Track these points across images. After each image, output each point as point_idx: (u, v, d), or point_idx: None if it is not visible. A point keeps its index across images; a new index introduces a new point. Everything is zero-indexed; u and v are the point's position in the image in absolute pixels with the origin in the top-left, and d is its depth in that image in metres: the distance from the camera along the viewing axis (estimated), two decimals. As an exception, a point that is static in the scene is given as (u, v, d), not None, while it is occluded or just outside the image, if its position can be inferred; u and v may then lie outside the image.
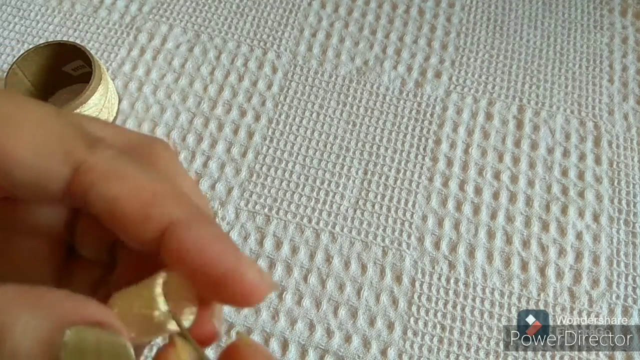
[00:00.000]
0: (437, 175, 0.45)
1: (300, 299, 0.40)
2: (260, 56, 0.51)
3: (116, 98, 0.47)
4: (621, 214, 0.43)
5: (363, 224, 0.43)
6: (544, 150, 0.46)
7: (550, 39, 0.52)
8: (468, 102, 0.48)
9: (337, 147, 0.46)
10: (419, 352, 0.38)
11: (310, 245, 0.42)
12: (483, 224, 0.43)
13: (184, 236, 0.13)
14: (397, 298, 0.40)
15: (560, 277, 0.41)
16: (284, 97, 0.48)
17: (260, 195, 0.44)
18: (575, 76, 0.50)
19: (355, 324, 0.39)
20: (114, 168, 0.13)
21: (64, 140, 0.13)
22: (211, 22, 0.53)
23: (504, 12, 0.54)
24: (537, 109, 0.48)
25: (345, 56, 0.51)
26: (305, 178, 0.45)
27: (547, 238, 0.42)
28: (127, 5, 0.53)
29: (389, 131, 0.47)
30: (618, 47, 0.52)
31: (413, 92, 0.49)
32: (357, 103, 0.48)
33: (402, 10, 0.54)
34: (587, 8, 0.54)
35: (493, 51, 0.51)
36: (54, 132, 0.13)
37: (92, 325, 0.12)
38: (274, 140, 0.46)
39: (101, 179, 0.13)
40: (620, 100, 0.49)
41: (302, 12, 0.54)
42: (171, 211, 0.13)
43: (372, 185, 0.44)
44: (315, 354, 0.38)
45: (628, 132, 0.47)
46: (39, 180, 0.13)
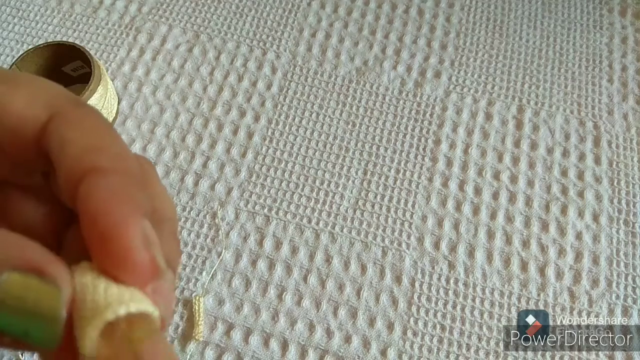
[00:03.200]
0: (436, 176, 0.45)
1: (300, 300, 0.40)
2: (259, 56, 0.51)
3: (115, 98, 0.47)
4: (621, 214, 0.43)
5: (363, 224, 0.43)
6: (543, 150, 0.46)
7: (550, 39, 0.52)
8: (467, 102, 0.48)
9: (337, 147, 0.46)
10: (419, 352, 0.38)
11: (310, 246, 0.42)
12: (483, 224, 0.43)
13: (90, 183, 0.12)
14: (397, 298, 0.40)
15: (560, 277, 0.41)
16: (283, 97, 0.48)
17: (259, 196, 0.44)
18: (575, 76, 0.50)
19: (355, 324, 0.39)
20: (84, 119, 0.13)
21: (53, 96, 0.14)
22: (210, 23, 0.53)
23: (503, 12, 0.54)
24: (537, 109, 0.48)
25: (344, 56, 0.51)
26: (305, 178, 0.45)
27: (547, 238, 0.42)
28: (126, 6, 0.53)
29: (389, 131, 0.47)
30: (617, 47, 0.52)
31: (412, 92, 0.49)
32: (357, 103, 0.48)
33: (401, 10, 0.54)
34: (587, 8, 0.54)
35: (492, 51, 0.51)
36: (48, 91, 0.14)
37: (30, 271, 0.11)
38: (274, 140, 0.46)
39: (67, 124, 0.13)
40: (620, 100, 0.49)
41: (301, 12, 0.54)
42: (100, 159, 0.13)
43: (372, 186, 0.44)
44: (315, 354, 0.38)
45: (628, 132, 0.47)
46: (19, 123, 0.13)
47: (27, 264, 0.11)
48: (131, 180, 0.13)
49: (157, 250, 0.12)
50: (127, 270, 0.12)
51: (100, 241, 0.12)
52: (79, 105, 0.14)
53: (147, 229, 0.12)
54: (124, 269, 0.12)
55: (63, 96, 0.14)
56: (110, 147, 0.13)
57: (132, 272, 0.12)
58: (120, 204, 0.12)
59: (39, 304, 0.11)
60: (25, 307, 0.11)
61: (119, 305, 0.12)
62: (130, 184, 0.13)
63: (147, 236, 0.12)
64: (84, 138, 0.13)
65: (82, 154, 0.13)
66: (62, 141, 0.13)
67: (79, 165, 0.12)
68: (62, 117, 0.13)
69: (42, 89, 0.14)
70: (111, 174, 0.12)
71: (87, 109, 0.14)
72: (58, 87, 0.14)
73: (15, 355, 0.37)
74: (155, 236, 0.13)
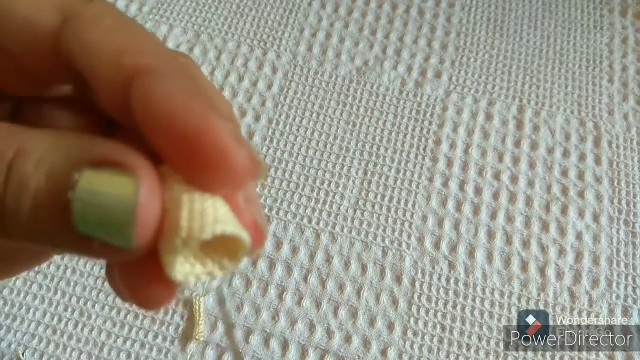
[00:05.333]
0: (437, 176, 0.45)
1: (300, 299, 0.40)
2: (260, 56, 0.51)
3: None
4: (621, 214, 0.43)
5: (363, 224, 0.43)
6: (543, 151, 0.46)
7: (550, 39, 0.52)
8: (468, 102, 0.48)
9: (337, 147, 0.46)
10: (419, 352, 0.38)
11: (310, 246, 0.42)
12: (483, 224, 0.43)
13: (149, 85, 0.11)
14: (397, 298, 0.40)
15: (560, 277, 0.41)
16: (283, 97, 0.48)
17: (260, 195, 0.44)
18: (575, 76, 0.50)
19: (355, 324, 0.39)
20: (102, 17, 0.12)
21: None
22: (211, 22, 0.53)
23: (504, 12, 0.54)
24: (537, 109, 0.48)
25: (345, 56, 0.51)
26: (305, 178, 0.45)
27: (547, 238, 0.42)
28: (127, 5, 0.53)
29: (389, 131, 0.47)
30: (618, 47, 0.52)
31: (413, 92, 0.49)
32: (357, 103, 0.48)
33: (402, 10, 0.54)
34: (587, 8, 0.54)
35: (493, 51, 0.52)
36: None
37: (105, 164, 0.10)
38: (274, 140, 0.46)
39: (85, 26, 0.12)
40: (620, 100, 0.49)
41: (302, 12, 0.54)
42: (142, 59, 0.11)
43: (372, 185, 0.44)
44: (315, 354, 0.38)
45: (628, 132, 0.47)
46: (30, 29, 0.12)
47: (103, 158, 0.10)
48: (187, 78, 0.11)
49: (249, 144, 0.11)
50: (225, 171, 0.11)
51: (184, 144, 0.10)
52: (93, 0, 0.12)
53: (229, 122, 0.11)
54: (221, 171, 0.11)
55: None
56: (146, 45, 0.12)
57: (232, 173, 0.11)
58: (195, 101, 0.11)
59: (115, 197, 0.10)
60: (104, 202, 0.10)
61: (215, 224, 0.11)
62: (189, 82, 0.11)
63: (235, 130, 0.11)
64: (112, 39, 0.11)
65: (117, 56, 0.11)
66: (88, 46, 0.11)
67: (120, 70, 0.11)
68: (78, 18, 0.12)
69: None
70: (165, 72, 0.11)
71: (102, 4, 0.12)
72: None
73: (16, 354, 0.38)
74: (239, 128, 0.11)
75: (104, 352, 0.38)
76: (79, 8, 0.12)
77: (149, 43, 0.12)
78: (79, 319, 0.39)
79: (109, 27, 0.12)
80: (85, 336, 0.38)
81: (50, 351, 0.38)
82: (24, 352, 0.37)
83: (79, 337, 0.38)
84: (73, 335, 0.38)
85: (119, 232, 0.10)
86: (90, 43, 0.11)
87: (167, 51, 0.12)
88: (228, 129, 0.10)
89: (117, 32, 0.12)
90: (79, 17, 0.12)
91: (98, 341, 0.38)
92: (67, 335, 0.38)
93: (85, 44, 0.11)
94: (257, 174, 0.11)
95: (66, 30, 0.12)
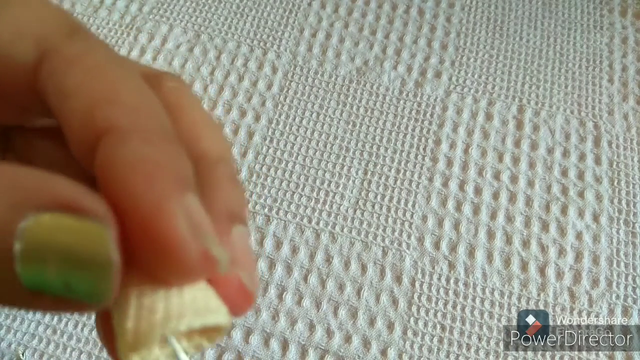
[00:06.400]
0: (437, 176, 0.45)
1: (300, 299, 0.40)
2: (260, 56, 0.51)
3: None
4: (621, 214, 0.43)
5: (363, 224, 0.43)
6: (543, 151, 0.46)
7: (550, 39, 0.52)
8: (468, 102, 0.48)
9: (337, 147, 0.46)
10: (419, 352, 0.38)
11: (310, 246, 0.42)
12: (483, 224, 0.43)
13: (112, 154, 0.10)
14: (397, 298, 0.40)
15: (560, 277, 0.41)
16: (284, 97, 0.48)
17: (260, 196, 0.44)
18: (575, 76, 0.50)
19: (355, 324, 0.39)
20: (81, 57, 0.11)
21: (44, 24, 0.11)
22: (211, 23, 0.53)
23: (504, 12, 0.54)
24: (537, 109, 0.48)
25: (345, 56, 0.51)
26: (305, 178, 0.45)
27: (547, 238, 0.42)
28: (127, 6, 0.53)
29: (389, 131, 0.47)
30: (618, 47, 0.52)
31: (413, 92, 0.49)
32: (357, 103, 0.48)
33: (402, 10, 0.54)
34: (587, 8, 0.54)
35: (493, 51, 0.52)
36: (38, 16, 0.12)
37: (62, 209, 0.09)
38: (274, 140, 0.46)
39: (63, 66, 0.11)
40: (620, 100, 0.49)
41: (302, 12, 0.54)
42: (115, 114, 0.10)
43: (372, 185, 0.44)
44: (315, 354, 0.38)
45: (628, 132, 0.47)
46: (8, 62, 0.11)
47: (57, 201, 0.09)
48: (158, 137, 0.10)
49: (209, 236, 0.10)
50: (170, 265, 0.10)
51: (135, 227, 0.10)
52: (75, 35, 0.11)
53: (192, 205, 0.10)
54: (166, 265, 0.10)
55: (54, 23, 0.12)
56: (124, 94, 0.11)
57: (181, 268, 0.10)
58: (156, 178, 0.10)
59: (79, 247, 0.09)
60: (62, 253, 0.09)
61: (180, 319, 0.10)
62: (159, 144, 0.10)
63: (193, 218, 0.10)
64: (89, 85, 0.11)
65: (90, 109, 0.10)
66: (63, 89, 0.11)
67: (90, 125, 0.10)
68: (57, 55, 0.11)
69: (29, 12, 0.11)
70: (132, 136, 0.10)
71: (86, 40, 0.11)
72: (49, 6, 0.12)
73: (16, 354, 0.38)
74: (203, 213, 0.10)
75: (104, 352, 0.38)
76: (59, 44, 0.11)
77: (126, 91, 0.11)
78: (79, 319, 0.39)
79: (87, 69, 0.11)
80: (85, 336, 0.38)
81: (50, 351, 0.38)
82: (24, 352, 0.37)
83: (79, 337, 0.38)
84: (73, 335, 0.38)
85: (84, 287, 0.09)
86: (65, 86, 0.11)
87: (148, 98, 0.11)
88: (182, 219, 0.10)
89: (95, 77, 0.11)
90: (58, 54, 0.11)
91: (98, 341, 0.38)
92: (67, 335, 0.38)
93: (60, 87, 0.11)
94: (212, 270, 0.10)
95: (43, 67, 0.11)
